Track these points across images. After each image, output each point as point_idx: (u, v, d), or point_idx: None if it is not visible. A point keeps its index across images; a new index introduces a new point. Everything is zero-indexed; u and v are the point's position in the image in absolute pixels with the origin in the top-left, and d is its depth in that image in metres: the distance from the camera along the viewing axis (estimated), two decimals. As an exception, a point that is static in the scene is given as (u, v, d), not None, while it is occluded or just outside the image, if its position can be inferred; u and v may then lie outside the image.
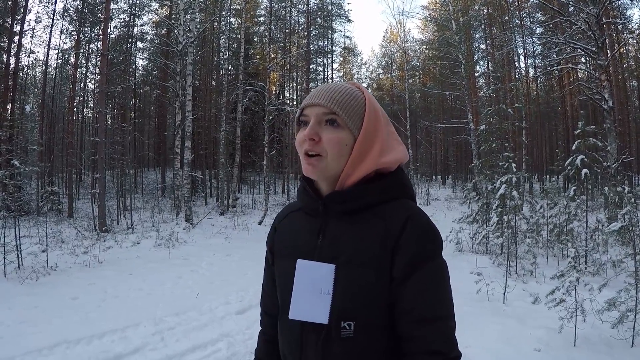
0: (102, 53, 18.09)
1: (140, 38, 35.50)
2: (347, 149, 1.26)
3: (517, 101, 25.32)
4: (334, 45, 45.09)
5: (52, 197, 17.85)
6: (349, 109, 1.27)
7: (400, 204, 1.26)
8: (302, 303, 1.26)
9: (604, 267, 9.08)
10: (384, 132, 1.32)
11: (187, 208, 17.97)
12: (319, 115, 1.27)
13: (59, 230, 15.47)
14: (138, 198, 27.49)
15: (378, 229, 1.21)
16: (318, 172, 1.27)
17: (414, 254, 1.17)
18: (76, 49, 26.90)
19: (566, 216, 10.52)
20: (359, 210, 1.26)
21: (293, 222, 1.45)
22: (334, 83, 1.37)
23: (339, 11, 42.60)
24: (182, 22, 19.20)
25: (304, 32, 40.60)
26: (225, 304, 7.60)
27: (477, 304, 7.28)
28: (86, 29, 28.71)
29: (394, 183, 1.30)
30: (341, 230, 1.27)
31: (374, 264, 1.19)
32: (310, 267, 1.26)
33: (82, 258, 11.11)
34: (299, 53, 36.31)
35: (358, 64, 55.27)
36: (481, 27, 36.26)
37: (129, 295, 8.22)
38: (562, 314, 5.59)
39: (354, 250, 1.22)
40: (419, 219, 1.21)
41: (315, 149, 1.26)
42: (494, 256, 10.96)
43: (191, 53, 19.14)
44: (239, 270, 10.35)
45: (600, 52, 16.71)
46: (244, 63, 25.20)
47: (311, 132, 1.25)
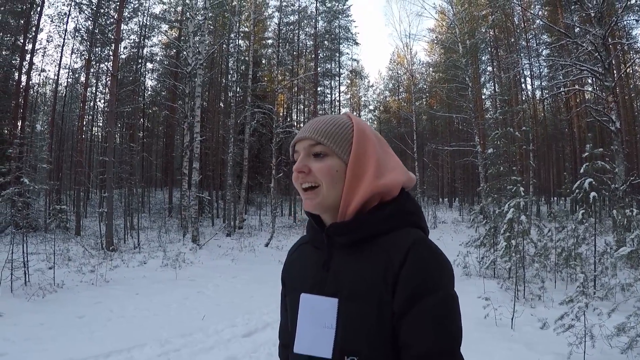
0: (113, 73, 18.24)
1: (149, 59, 35.90)
2: (338, 175, 1.25)
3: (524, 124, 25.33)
4: (342, 68, 45.35)
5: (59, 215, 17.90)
6: (334, 136, 1.26)
7: (404, 233, 1.22)
8: (306, 337, 1.25)
9: (612, 291, 8.98)
10: (378, 153, 1.29)
11: (194, 229, 17.96)
12: (307, 148, 1.28)
13: (66, 247, 15.52)
14: (145, 217, 27.53)
15: (380, 261, 1.18)
16: (317, 204, 1.26)
17: (414, 286, 1.13)
18: (87, 69, 27.19)
19: (574, 240, 10.46)
20: (362, 242, 1.24)
21: (302, 255, 1.44)
22: (322, 116, 1.37)
23: (346, 34, 42.90)
24: (192, 44, 19.37)
25: (312, 54, 40.87)
26: (231, 326, 7.56)
27: (485, 329, 7.22)
28: (97, 49, 29.02)
29: (397, 211, 1.26)
30: (344, 263, 1.25)
31: (375, 298, 1.16)
32: (314, 301, 1.26)
33: (88, 276, 11.14)
34: (306, 76, 36.49)
35: (365, 86, 55.51)
36: (488, 49, 36.43)
37: (135, 315, 8.20)
38: (570, 339, 5.54)
39: (355, 283, 1.20)
40: (422, 250, 1.17)
41: (308, 179, 1.26)
42: (501, 280, 10.87)
43: (200, 75, 19.28)
44: (246, 293, 10.32)
45: (607, 73, 16.67)
46: (252, 85, 25.37)
47: (299, 165, 1.27)
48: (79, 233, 20.83)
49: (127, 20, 30.34)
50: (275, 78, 30.67)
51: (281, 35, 36.03)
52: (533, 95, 35.26)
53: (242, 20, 29.71)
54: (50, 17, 28.35)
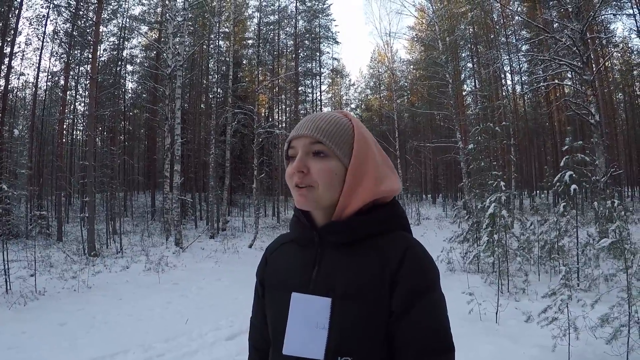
0: (92, 76, 18.08)
1: (129, 61, 35.67)
2: (337, 178, 1.23)
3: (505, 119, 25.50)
4: (322, 67, 45.46)
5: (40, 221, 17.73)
6: (336, 137, 1.24)
7: (398, 236, 1.24)
8: (297, 338, 1.21)
9: (596, 282, 9.06)
10: (377, 160, 1.29)
11: (177, 232, 17.86)
12: (306, 146, 1.25)
13: (48, 254, 15.31)
14: (128, 222, 27.34)
15: (375, 261, 1.18)
16: (311, 202, 1.24)
17: (413, 286, 1.14)
18: (66, 72, 26.94)
19: (557, 232, 10.53)
20: (356, 242, 1.23)
21: (286, 254, 1.40)
22: (320, 112, 1.35)
23: (326, 33, 43.03)
24: (171, 45, 19.24)
25: (292, 54, 40.92)
26: (215, 329, 7.50)
27: (469, 325, 7.23)
28: (76, 51, 28.81)
29: (390, 214, 1.28)
30: (337, 262, 1.24)
31: (371, 298, 1.15)
32: (306, 301, 1.22)
33: (70, 283, 11.02)
34: (287, 75, 36.49)
35: (346, 85, 55.69)
36: (467, 46, 36.65)
37: (118, 321, 8.11)
38: (555, 332, 5.56)
39: (350, 283, 1.19)
40: (416, 252, 1.19)
41: (305, 180, 1.23)
42: (485, 275, 10.93)
43: (180, 76, 19.18)
44: (229, 295, 10.25)
45: (586, 67, 16.83)
46: (232, 86, 25.31)
47: (299, 164, 1.24)
48: (60, 239, 20.61)
49: (106, 22, 30.21)
50: (255, 78, 30.61)
51: (261, 35, 36.04)
52: (513, 90, 35.48)
53: (222, 20, 29.65)
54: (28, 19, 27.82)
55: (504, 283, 9.54)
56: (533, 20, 23.94)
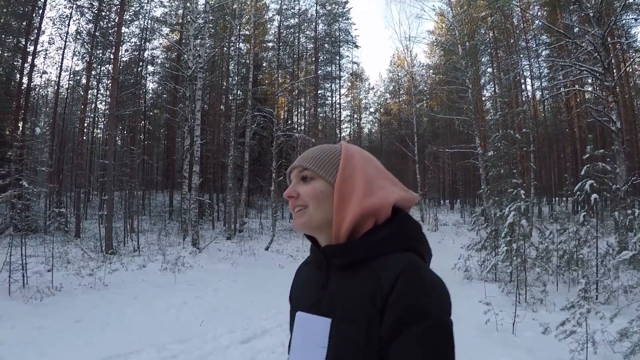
0: (113, 77, 18.25)
1: (150, 62, 35.89)
2: (324, 196, 1.27)
3: (525, 125, 25.26)
4: (342, 71, 45.50)
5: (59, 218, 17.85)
6: (321, 160, 1.31)
7: (397, 258, 1.18)
8: (300, 355, 1.25)
9: (615, 294, 8.92)
10: (367, 173, 1.29)
11: (194, 232, 17.92)
12: (297, 175, 1.34)
13: (66, 250, 15.42)
14: (145, 220, 27.46)
15: (370, 285, 1.16)
16: (303, 223, 1.30)
17: (402, 313, 1.09)
18: (88, 71, 27.16)
19: (576, 242, 10.41)
20: (356, 264, 1.23)
21: (306, 273, 1.46)
22: (317, 146, 1.41)
23: (346, 37, 42.98)
24: (192, 47, 19.34)
25: (312, 57, 40.97)
26: (229, 332, 7.48)
27: (485, 335, 7.16)
28: (98, 51, 29.06)
29: (392, 234, 1.23)
30: (339, 284, 1.25)
31: (364, 322, 1.14)
32: (308, 320, 1.27)
33: (87, 280, 11.10)
34: (307, 79, 36.49)
35: (366, 89, 55.65)
36: (487, 51, 36.37)
37: (133, 320, 8.15)
38: (572, 345, 5.48)
39: (347, 305, 1.19)
40: (413, 275, 1.13)
41: (297, 203, 1.30)
42: (503, 284, 10.84)
43: (200, 78, 19.25)
44: (245, 298, 10.26)
45: (607, 73, 16.59)
46: (252, 88, 25.36)
47: (289, 191, 1.33)
48: (78, 235, 20.76)
49: (128, 23, 30.42)
50: (275, 81, 30.65)
51: (281, 38, 36.10)
52: (533, 96, 35.10)
53: (243, 23, 29.62)
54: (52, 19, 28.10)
55: (522, 293, 9.44)
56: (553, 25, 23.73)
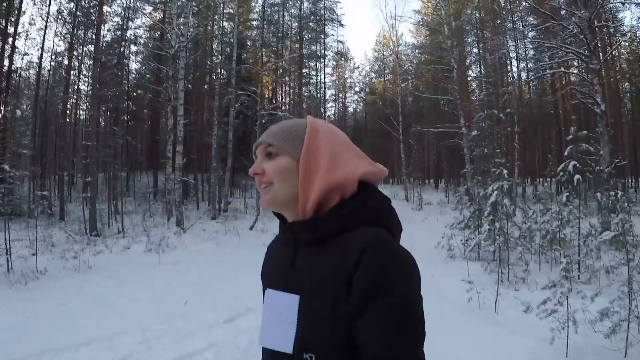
0: (95, 57, 18.03)
1: (133, 41, 35.42)
2: (288, 172, 1.26)
3: (510, 106, 25.35)
4: (327, 50, 45.33)
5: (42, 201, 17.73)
6: (285, 136, 1.29)
7: (363, 232, 1.17)
8: (270, 332, 1.26)
9: (597, 274, 9.02)
10: (332, 148, 1.27)
11: (178, 212, 17.88)
12: (262, 151, 1.32)
13: (50, 233, 15.31)
14: (130, 202, 27.31)
15: (336, 260, 1.15)
16: (268, 200, 1.28)
17: (368, 287, 1.08)
18: (69, 52, 26.81)
19: (559, 222, 10.49)
20: (322, 240, 1.21)
21: (275, 251, 1.45)
22: (282, 121, 1.39)
23: (331, 16, 42.75)
24: (175, 25, 19.13)
25: (297, 36, 40.68)
26: (213, 311, 7.50)
27: (468, 313, 7.23)
28: (80, 31, 28.65)
29: (357, 208, 1.22)
30: (306, 260, 1.24)
31: (331, 297, 1.13)
32: (277, 297, 1.26)
33: (72, 263, 11.06)
34: (291, 57, 36.31)
35: (351, 68, 55.52)
36: (473, 31, 36.34)
37: (117, 301, 8.13)
38: (553, 324, 5.54)
39: (314, 281, 1.18)
40: (379, 249, 1.12)
41: (263, 179, 1.28)
42: (486, 263, 10.93)
43: (183, 57, 19.09)
44: (229, 277, 10.24)
45: (593, 56, 16.68)
46: (236, 67, 25.16)
47: (254, 167, 1.30)
48: (63, 218, 20.64)
49: (110, 2, 29.95)
50: (259, 60, 30.46)
51: (266, 16, 35.82)
52: (519, 77, 35.17)
53: (227, 1, 29.36)
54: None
55: (504, 272, 9.53)
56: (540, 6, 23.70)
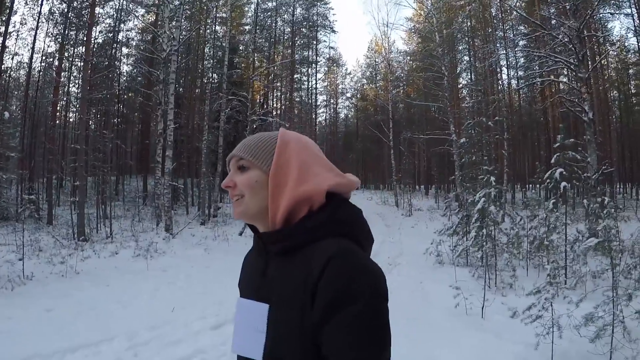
0: (85, 59, 18.01)
1: (125, 44, 35.34)
2: (259, 185, 1.29)
3: (499, 113, 25.49)
4: (319, 56, 45.50)
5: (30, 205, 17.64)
6: (255, 149, 1.32)
7: (329, 243, 1.19)
8: (242, 339, 1.29)
9: (583, 279, 9.08)
10: (302, 161, 1.29)
11: (167, 218, 17.82)
12: (234, 165, 1.35)
13: (37, 238, 15.24)
14: (119, 206, 27.23)
15: (303, 270, 1.17)
16: (240, 212, 1.32)
17: (332, 297, 1.10)
18: (60, 53, 26.73)
19: (546, 228, 10.56)
20: (291, 250, 1.24)
21: (249, 260, 1.49)
22: (255, 134, 1.42)
23: (324, 22, 43.02)
24: (167, 29, 19.10)
25: (289, 42, 40.78)
26: (201, 318, 7.47)
27: (455, 319, 7.26)
28: (71, 32, 28.54)
29: (324, 220, 1.24)
30: (276, 270, 1.27)
31: (298, 307, 1.15)
32: (248, 306, 1.30)
33: (59, 268, 10.98)
34: (283, 63, 36.35)
35: (342, 74, 55.72)
36: (464, 39, 36.54)
37: (105, 307, 8.07)
38: (538, 330, 5.57)
39: (283, 291, 1.21)
40: (342, 259, 1.13)
41: (235, 192, 1.32)
42: (473, 269, 10.98)
43: (175, 61, 19.05)
44: (217, 283, 10.18)
45: (581, 65, 16.85)
46: (227, 72, 25.15)
47: (226, 181, 1.34)
48: (51, 222, 20.54)
49: (102, 3, 29.83)
50: (251, 65, 30.48)
51: (258, 21, 35.80)
52: (509, 85, 35.40)
53: (220, 5, 29.36)
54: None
55: (492, 277, 9.59)
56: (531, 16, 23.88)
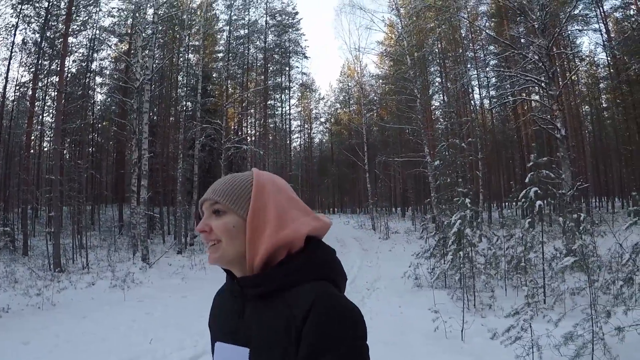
0: (59, 89, 17.88)
1: (99, 73, 35.21)
2: (236, 230, 1.26)
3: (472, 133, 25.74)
4: (292, 82, 45.74)
5: (5, 237, 17.37)
6: (231, 194, 1.29)
7: (310, 287, 1.19)
8: None
9: (562, 297, 9.11)
10: (279, 205, 1.29)
11: (144, 247, 17.65)
12: (208, 208, 1.32)
13: (13, 269, 15.03)
14: (95, 236, 26.87)
15: (284, 316, 1.17)
16: (216, 258, 1.28)
17: (316, 342, 1.10)
18: (34, 83, 26.53)
19: (523, 247, 10.63)
20: (270, 295, 1.23)
21: (223, 301, 1.43)
22: (227, 176, 1.40)
23: (296, 48, 43.28)
24: (140, 58, 19.08)
25: (262, 68, 40.93)
26: (179, 349, 7.40)
27: (434, 343, 7.25)
28: (45, 62, 28.36)
29: (303, 264, 1.24)
30: (254, 313, 1.25)
31: (280, 351, 1.15)
32: (227, 350, 1.27)
33: (35, 300, 10.87)
34: (256, 90, 36.47)
35: (316, 99, 55.95)
36: (436, 61, 36.91)
37: (81, 340, 7.97)
38: (518, 351, 5.59)
39: (263, 335, 1.19)
40: (324, 304, 1.14)
41: (210, 237, 1.28)
42: (452, 291, 10.98)
43: (148, 90, 19.02)
44: (195, 313, 10.05)
45: (552, 82, 17.08)
46: (201, 100, 25.17)
47: (201, 225, 1.30)
48: (26, 253, 20.20)
49: (75, 33, 29.74)
50: (224, 92, 30.51)
51: (231, 49, 35.94)
52: (482, 105, 35.80)
53: (192, 34, 29.45)
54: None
55: (471, 299, 9.60)
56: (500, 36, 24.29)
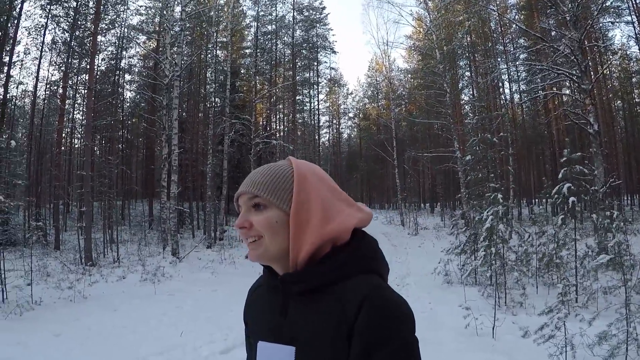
0: (89, 87, 18.09)
1: (128, 70, 35.61)
2: (279, 226, 1.20)
3: (503, 128, 25.43)
4: (320, 77, 45.64)
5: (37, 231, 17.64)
6: (271, 186, 1.22)
7: (360, 281, 1.16)
8: None
9: (594, 296, 8.95)
10: (323, 197, 1.24)
11: (174, 242, 17.79)
12: (246, 202, 1.25)
13: (45, 263, 15.30)
14: (125, 230, 27.24)
15: (334, 311, 1.13)
16: (259, 255, 1.23)
17: (370, 339, 1.07)
18: (64, 81, 26.90)
19: (555, 244, 10.46)
20: (315, 291, 1.18)
21: (260, 298, 1.39)
22: (264, 166, 1.33)
23: (323, 43, 43.18)
24: (169, 55, 19.22)
25: (290, 64, 40.91)
26: (209, 342, 7.43)
27: (465, 340, 7.17)
28: (74, 61, 28.78)
29: (351, 257, 1.20)
30: (299, 311, 1.20)
31: (330, 349, 1.11)
32: (271, 349, 1.21)
33: (67, 293, 11.01)
34: (284, 85, 36.48)
35: (344, 94, 55.87)
36: (465, 55, 36.56)
37: (112, 332, 8.05)
38: (551, 350, 5.50)
39: (311, 333, 1.15)
40: (377, 299, 1.11)
41: (251, 233, 1.23)
42: (482, 288, 10.86)
43: (177, 86, 19.13)
44: (225, 307, 10.12)
45: (584, 76, 16.74)
46: (230, 95, 25.26)
47: (240, 220, 1.25)
48: (58, 247, 20.55)
49: (104, 32, 30.15)
50: (253, 88, 30.60)
51: (259, 44, 36.05)
52: (512, 99, 35.39)
53: (220, 30, 29.58)
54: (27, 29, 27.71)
55: (502, 296, 9.48)
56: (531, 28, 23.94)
